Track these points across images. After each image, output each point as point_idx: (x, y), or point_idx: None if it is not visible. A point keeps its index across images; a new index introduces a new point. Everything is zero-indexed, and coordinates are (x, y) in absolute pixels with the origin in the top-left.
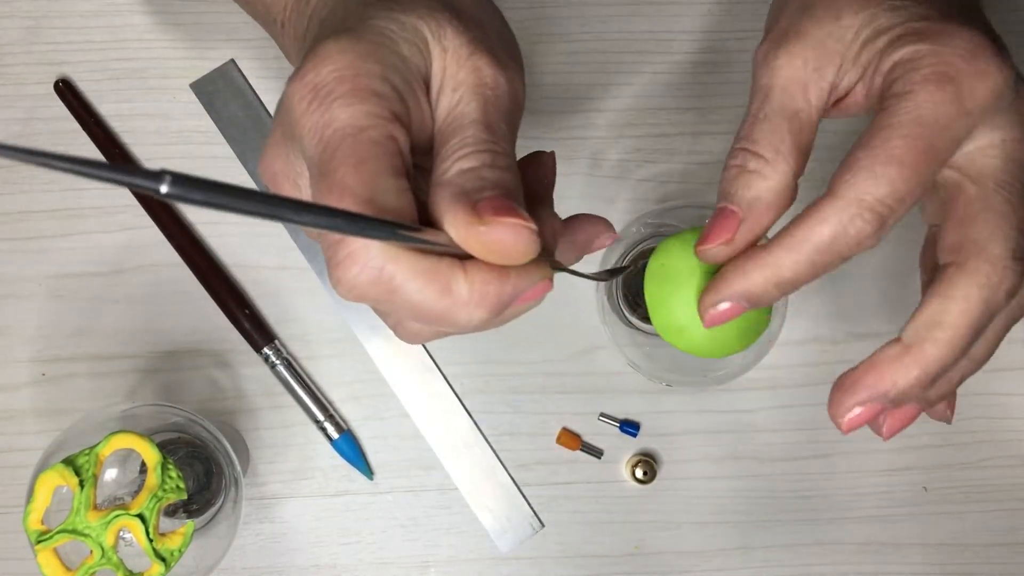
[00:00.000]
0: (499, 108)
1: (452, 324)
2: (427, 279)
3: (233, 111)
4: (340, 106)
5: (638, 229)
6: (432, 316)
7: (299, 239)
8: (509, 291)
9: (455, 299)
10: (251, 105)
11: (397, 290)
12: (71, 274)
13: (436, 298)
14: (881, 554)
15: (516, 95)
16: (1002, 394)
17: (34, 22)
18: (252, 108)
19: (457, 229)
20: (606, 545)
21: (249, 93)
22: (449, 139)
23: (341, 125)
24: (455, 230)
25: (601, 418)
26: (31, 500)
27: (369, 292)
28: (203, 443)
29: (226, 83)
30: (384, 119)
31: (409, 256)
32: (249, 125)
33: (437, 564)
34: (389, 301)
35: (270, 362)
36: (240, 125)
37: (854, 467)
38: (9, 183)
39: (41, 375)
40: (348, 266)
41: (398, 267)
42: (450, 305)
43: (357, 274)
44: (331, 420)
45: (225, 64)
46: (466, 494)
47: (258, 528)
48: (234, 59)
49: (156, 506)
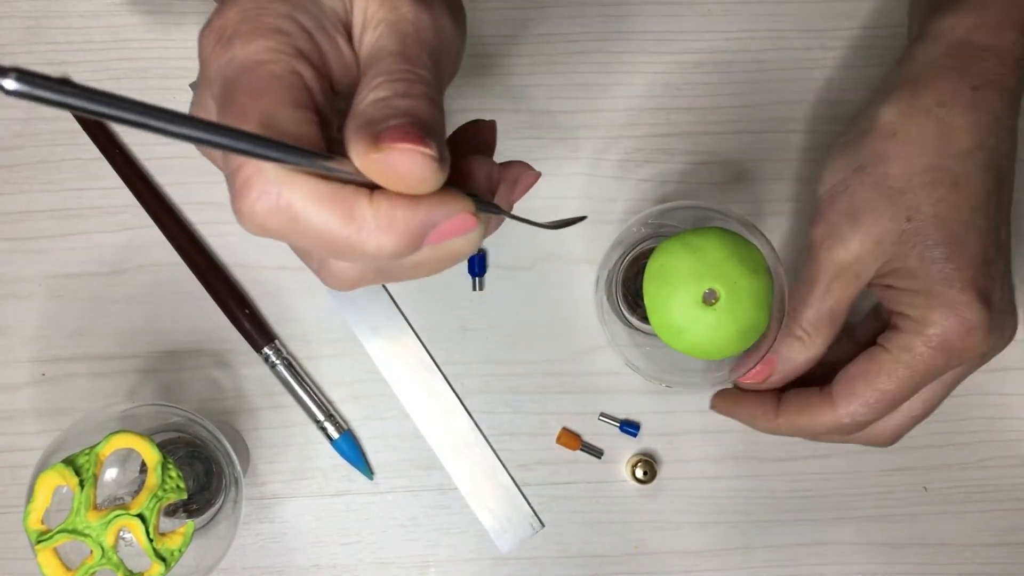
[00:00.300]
0: (420, 41)
1: (361, 253)
2: (328, 204)
3: None
4: (241, 44)
5: (638, 229)
6: (338, 245)
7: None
8: (421, 218)
9: (360, 225)
10: None
11: (298, 217)
12: (71, 274)
13: (340, 224)
14: (881, 554)
15: (442, 32)
16: (1002, 394)
17: (34, 22)
18: None
19: (357, 157)
20: (606, 545)
21: None
22: (366, 73)
23: (241, 60)
24: (356, 158)
25: (601, 418)
26: (31, 500)
27: (270, 221)
28: (203, 443)
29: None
30: (286, 55)
31: (309, 181)
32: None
33: (437, 564)
34: (293, 232)
35: (270, 362)
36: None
37: (854, 467)
38: (9, 183)
39: (41, 375)
40: (245, 194)
41: (296, 192)
42: (355, 231)
43: (254, 201)
44: (331, 420)
45: None
46: (466, 494)
47: (258, 528)
48: None
49: (156, 506)
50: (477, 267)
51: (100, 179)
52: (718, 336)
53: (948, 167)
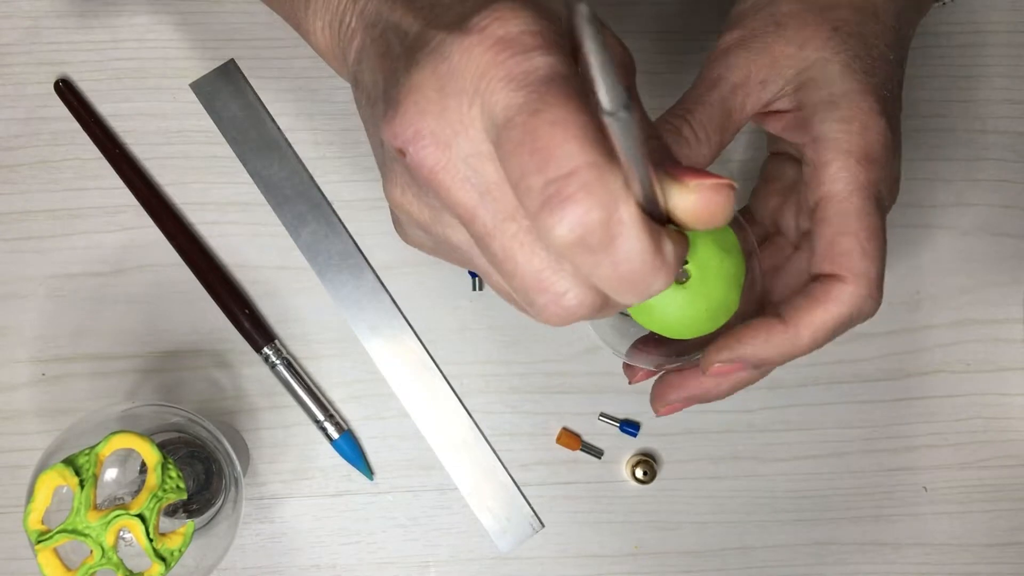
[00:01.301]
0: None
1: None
2: (649, 232)
3: (233, 111)
4: (540, 55)
5: None
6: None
7: (300, 239)
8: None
9: (663, 260)
10: (251, 105)
11: (618, 235)
12: (71, 274)
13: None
14: (881, 554)
15: None
16: (1002, 394)
17: (34, 22)
18: (252, 108)
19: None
20: (606, 545)
21: (249, 93)
22: None
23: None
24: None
25: (601, 418)
26: (31, 500)
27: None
28: (203, 443)
29: (226, 83)
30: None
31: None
32: (249, 125)
33: (437, 564)
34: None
35: (270, 362)
36: (240, 125)
37: (854, 467)
38: (9, 183)
39: (41, 375)
40: (581, 198)
41: (628, 211)
42: (660, 264)
43: (588, 210)
44: (331, 420)
45: (225, 64)
46: (466, 494)
47: (258, 528)
48: (234, 59)
49: (156, 506)
50: None
51: (100, 179)
52: (688, 315)
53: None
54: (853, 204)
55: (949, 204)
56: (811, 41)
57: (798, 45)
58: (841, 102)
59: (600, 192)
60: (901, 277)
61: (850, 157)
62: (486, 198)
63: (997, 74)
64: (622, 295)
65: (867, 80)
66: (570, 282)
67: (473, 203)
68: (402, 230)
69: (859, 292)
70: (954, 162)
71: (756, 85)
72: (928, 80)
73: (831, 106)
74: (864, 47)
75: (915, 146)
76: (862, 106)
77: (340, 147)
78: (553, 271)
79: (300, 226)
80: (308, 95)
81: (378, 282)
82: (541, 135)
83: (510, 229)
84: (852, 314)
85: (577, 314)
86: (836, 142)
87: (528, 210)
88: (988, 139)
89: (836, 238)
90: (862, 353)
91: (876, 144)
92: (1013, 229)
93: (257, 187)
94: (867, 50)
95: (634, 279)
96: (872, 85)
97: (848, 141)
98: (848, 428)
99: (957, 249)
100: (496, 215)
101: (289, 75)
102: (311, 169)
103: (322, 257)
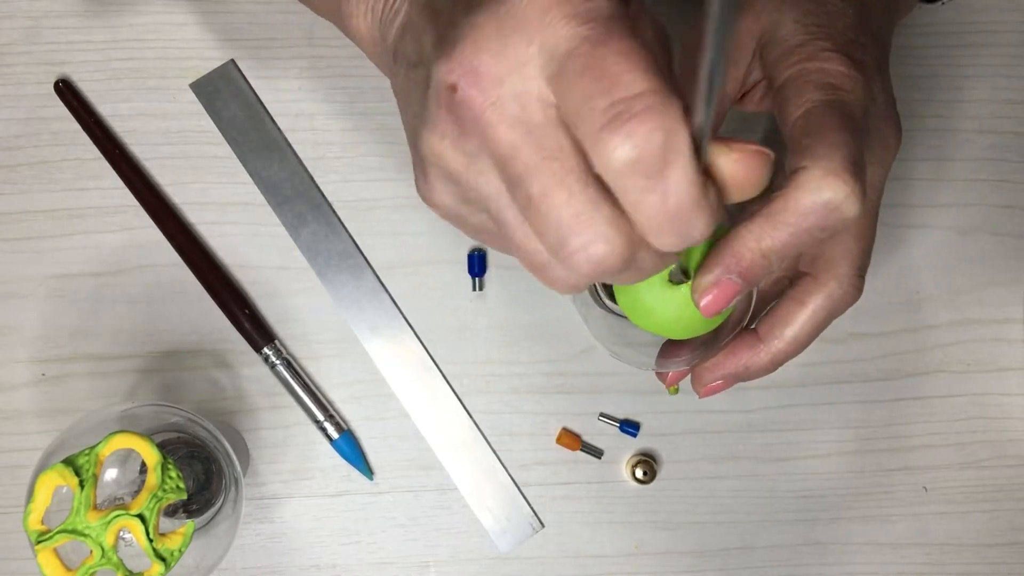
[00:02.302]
0: None
1: (688, 231)
2: (698, 169)
3: (233, 111)
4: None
5: None
6: (681, 210)
7: (300, 239)
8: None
9: (707, 201)
10: (251, 105)
11: (673, 163)
12: (71, 274)
13: (699, 190)
14: (881, 554)
15: None
16: (1002, 394)
17: (34, 22)
18: (252, 108)
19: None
20: (606, 545)
21: (249, 93)
22: None
23: (609, 10)
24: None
25: (601, 418)
26: (31, 500)
27: (647, 149)
28: (203, 443)
29: (226, 83)
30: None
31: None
32: (249, 125)
33: (437, 564)
34: (651, 175)
35: (270, 362)
36: (240, 125)
37: (854, 467)
38: (9, 183)
39: (41, 375)
40: (646, 118)
41: (686, 142)
42: (705, 203)
43: (651, 130)
44: (331, 420)
45: (225, 64)
46: (466, 494)
47: (258, 528)
48: (234, 59)
49: (156, 506)
50: (477, 267)
51: (100, 179)
52: (685, 315)
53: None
54: (815, 115)
55: (949, 204)
56: (766, 8)
57: (754, 17)
58: (796, 50)
59: (664, 116)
60: (901, 277)
61: (808, 85)
62: (531, 136)
63: (997, 74)
64: (662, 234)
65: (819, 30)
66: (605, 226)
67: (518, 140)
68: (428, 186)
69: (826, 175)
70: (954, 162)
71: (727, 67)
72: (928, 80)
73: (786, 56)
74: (815, 4)
75: (915, 146)
76: (816, 46)
77: (340, 147)
78: (590, 214)
79: (300, 226)
80: (308, 95)
81: (378, 282)
82: (609, 63)
83: (551, 167)
84: (827, 202)
85: (604, 263)
86: (793, 80)
87: (588, 132)
88: (988, 139)
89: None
90: (862, 353)
91: (834, 73)
92: (1013, 229)
93: (257, 187)
94: (819, 6)
95: (679, 215)
96: (825, 32)
97: (805, 75)
98: (848, 428)
99: (957, 249)
100: (539, 152)
101: (289, 75)
102: (311, 169)
103: (322, 257)
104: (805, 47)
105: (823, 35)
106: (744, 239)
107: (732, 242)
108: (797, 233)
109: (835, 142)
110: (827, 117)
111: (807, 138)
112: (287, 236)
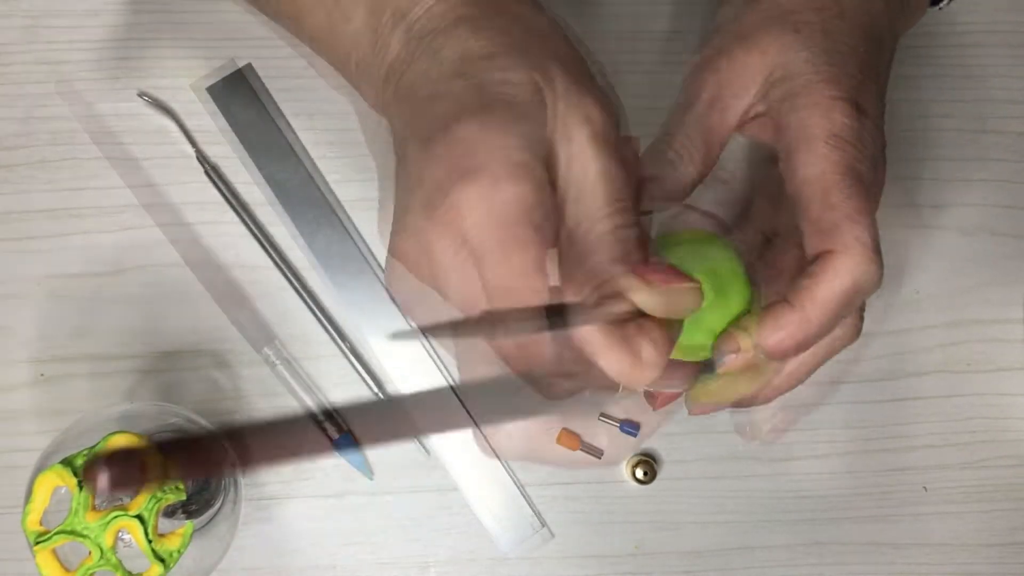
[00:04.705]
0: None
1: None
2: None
3: (234, 111)
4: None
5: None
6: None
7: (300, 239)
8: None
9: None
10: (252, 105)
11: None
12: (71, 274)
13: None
14: (881, 554)
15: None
16: (1002, 394)
17: (33, 21)
18: (254, 108)
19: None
20: (606, 545)
21: (250, 93)
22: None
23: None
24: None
25: (601, 418)
26: (30, 501)
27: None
28: None
29: (227, 83)
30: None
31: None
32: (250, 125)
33: (437, 564)
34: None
35: (270, 362)
36: (241, 125)
37: (854, 467)
38: (7, 183)
39: (40, 375)
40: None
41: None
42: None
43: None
44: (331, 420)
45: (225, 64)
46: (466, 494)
47: (258, 528)
48: (235, 59)
49: (155, 507)
50: None
51: (99, 179)
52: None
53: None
54: (829, 181)
55: (949, 204)
56: (773, 45)
57: (761, 52)
58: (802, 92)
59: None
60: (901, 277)
61: (817, 140)
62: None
63: (997, 74)
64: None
65: (828, 70)
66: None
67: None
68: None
69: (856, 259)
70: (954, 162)
71: (730, 99)
72: (928, 80)
73: (794, 97)
74: (828, 42)
75: (915, 146)
76: (824, 93)
77: (340, 147)
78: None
79: (301, 226)
80: (308, 95)
81: (378, 282)
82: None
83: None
84: (856, 283)
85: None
86: (801, 129)
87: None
88: (988, 139)
89: (821, 216)
90: (862, 353)
91: (841, 125)
92: (1013, 229)
93: (257, 187)
94: (832, 44)
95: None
96: (833, 74)
97: (813, 125)
98: (848, 428)
99: (957, 249)
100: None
101: (289, 75)
102: (312, 169)
103: (323, 257)
104: (812, 92)
105: (831, 76)
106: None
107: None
108: (830, 314)
109: (860, 222)
110: (847, 189)
111: (828, 213)
112: (287, 236)
